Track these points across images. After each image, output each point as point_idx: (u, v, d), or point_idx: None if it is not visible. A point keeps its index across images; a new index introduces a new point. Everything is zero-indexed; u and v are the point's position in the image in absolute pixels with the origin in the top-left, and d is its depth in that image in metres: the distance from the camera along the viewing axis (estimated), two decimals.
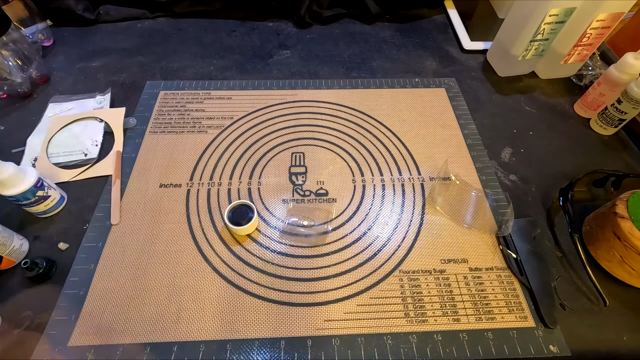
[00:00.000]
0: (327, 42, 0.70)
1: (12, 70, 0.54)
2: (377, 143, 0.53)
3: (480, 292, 0.40)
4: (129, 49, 0.66)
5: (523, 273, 0.40)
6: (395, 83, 0.61)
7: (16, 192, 0.39)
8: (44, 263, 0.38)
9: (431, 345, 0.36)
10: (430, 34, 0.72)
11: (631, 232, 0.37)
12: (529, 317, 0.38)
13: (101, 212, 0.44)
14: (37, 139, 0.51)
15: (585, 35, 0.55)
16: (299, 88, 0.60)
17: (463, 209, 0.46)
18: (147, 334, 0.36)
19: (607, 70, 0.53)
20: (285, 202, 0.46)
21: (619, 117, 0.52)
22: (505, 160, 0.52)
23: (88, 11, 0.68)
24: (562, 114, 0.59)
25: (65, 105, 0.56)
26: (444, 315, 0.38)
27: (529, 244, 0.42)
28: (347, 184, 0.48)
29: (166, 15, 0.73)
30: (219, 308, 0.38)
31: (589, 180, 0.49)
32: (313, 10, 0.71)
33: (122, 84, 0.60)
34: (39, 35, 0.64)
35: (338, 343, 0.36)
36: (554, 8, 0.51)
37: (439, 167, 0.50)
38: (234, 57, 0.65)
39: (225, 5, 0.72)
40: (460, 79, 0.63)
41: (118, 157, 0.49)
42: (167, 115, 0.55)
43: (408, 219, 0.45)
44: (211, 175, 0.48)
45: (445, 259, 0.42)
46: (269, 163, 0.50)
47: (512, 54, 0.59)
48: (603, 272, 0.41)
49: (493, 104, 0.59)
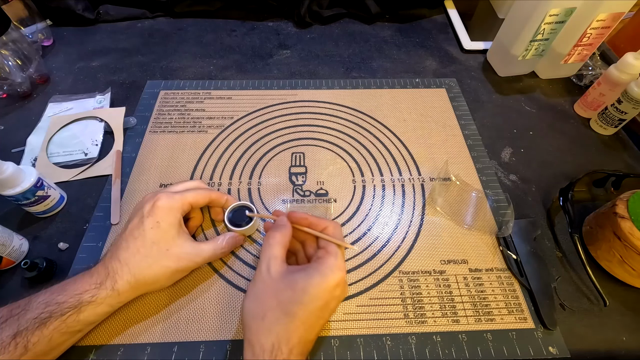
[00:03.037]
0: (327, 42, 0.70)
1: (12, 70, 0.54)
2: (377, 143, 0.53)
3: (480, 293, 0.40)
4: (129, 49, 0.66)
5: (523, 274, 0.40)
6: (396, 83, 0.61)
7: (16, 191, 0.39)
8: (44, 263, 0.38)
9: (430, 346, 0.36)
10: (430, 34, 0.72)
11: (631, 232, 0.37)
12: (529, 319, 0.38)
13: (101, 212, 0.44)
14: (36, 139, 0.51)
15: (585, 35, 0.55)
16: (299, 88, 0.60)
17: (463, 210, 0.46)
18: (147, 334, 0.36)
19: (607, 70, 0.52)
20: (285, 202, 0.46)
21: (619, 117, 0.52)
22: (506, 160, 0.52)
23: (88, 11, 0.68)
24: (562, 114, 0.59)
25: (65, 105, 0.56)
26: (443, 316, 0.38)
27: (529, 245, 0.42)
28: (347, 184, 0.48)
29: (166, 15, 0.73)
30: (219, 308, 0.38)
31: (589, 180, 0.49)
32: (313, 10, 0.71)
33: (122, 83, 0.60)
34: (39, 35, 0.64)
35: (337, 344, 0.36)
36: (554, 8, 0.51)
37: (439, 167, 0.50)
38: (234, 57, 0.65)
39: (225, 5, 0.72)
40: (460, 79, 0.63)
41: (118, 157, 0.49)
42: (167, 115, 0.55)
43: (408, 220, 0.45)
44: (211, 175, 0.48)
45: (445, 259, 0.42)
46: (269, 163, 0.50)
47: (512, 54, 0.59)
48: (603, 272, 0.41)
49: (493, 104, 0.59)
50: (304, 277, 0.30)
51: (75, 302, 0.31)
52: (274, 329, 0.29)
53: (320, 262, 0.31)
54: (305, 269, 0.31)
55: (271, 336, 0.29)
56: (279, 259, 0.32)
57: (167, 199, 0.36)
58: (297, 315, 0.29)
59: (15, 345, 0.29)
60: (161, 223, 0.35)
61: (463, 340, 0.37)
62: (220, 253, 0.39)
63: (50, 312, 0.30)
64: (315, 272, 0.30)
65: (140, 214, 0.35)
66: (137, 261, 0.34)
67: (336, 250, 0.32)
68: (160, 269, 0.34)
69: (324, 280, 0.30)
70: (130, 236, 0.35)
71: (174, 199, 0.37)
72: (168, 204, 0.36)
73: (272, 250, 0.32)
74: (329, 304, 0.30)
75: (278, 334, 0.29)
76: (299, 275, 0.30)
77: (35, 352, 0.29)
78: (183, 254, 0.36)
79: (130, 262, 0.33)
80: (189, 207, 0.38)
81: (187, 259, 0.36)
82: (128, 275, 0.33)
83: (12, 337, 0.29)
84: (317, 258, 0.32)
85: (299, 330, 0.29)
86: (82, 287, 0.32)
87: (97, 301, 0.32)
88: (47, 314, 0.30)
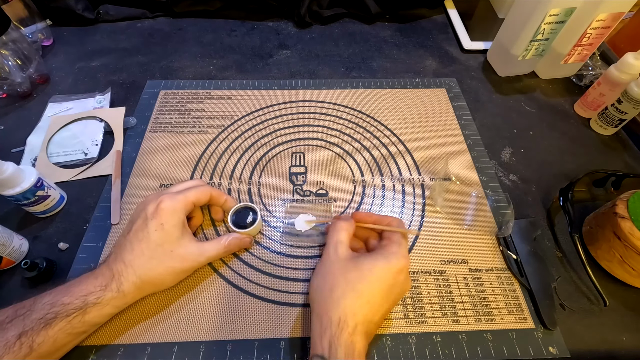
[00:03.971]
0: (327, 42, 0.70)
1: (12, 69, 0.54)
2: (377, 143, 0.53)
3: (480, 293, 0.40)
4: (128, 49, 0.66)
5: (523, 274, 0.40)
6: (396, 83, 0.61)
7: (16, 191, 0.39)
8: (44, 263, 0.38)
9: (430, 346, 0.36)
10: (430, 34, 0.72)
11: (631, 232, 0.37)
12: (529, 319, 0.38)
13: (101, 212, 0.44)
14: (36, 139, 0.51)
15: (585, 35, 0.55)
16: (299, 88, 0.60)
17: (463, 210, 0.46)
18: (147, 334, 0.36)
19: (607, 70, 0.52)
20: (285, 202, 0.46)
21: (619, 117, 0.52)
22: (506, 160, 0.52)
23: (88, 11, 0.68)
24: (562, 114, 0.59)
25: (65, 104, 0.56)
26: (443, 316, 0.38)
27: (529, 245, 0.42)
28: (347, 184, 0.48)
29: (166, 15, 0.73)
30: (219, 309, 0.38)
31: (589, 180, 0.49)
32: (313, 10, 0.71)
33: (122, 83, 0.60)
34: (39, 35, 0.64)
35: None
36: (554, 8, 0.51)
37: (439, 167, 0.50)
38: (234, 57, 0.65)
39: (225, 5, 0.72)
40: (461, 78, 0.63)
41: (118, 157, 0.49)
42: (167, 115, 0.55)
43: (408, 220, 0.45)
44: (211, 175, 0.48)
45: (445, 259, 0.42)
46: (269, 163, 0.50)
47: (512, 54, 0.59)
48: (603, 272, 0.41)
49: (493, 104, 0.59)
50: (370, 259, 0.33)
51: (80, 304, 0.31)
52: (342, 303, 0.31)
53: (385, 249, 0.34)
54: (371, 254, 0.34)
55: (339, 309, 0.30)
56: (345, 244, 0.35)
57: (171, 200, 0.36)
58: (364, 293, 0.31)
59: (20, 345, 0.29)
60: (165, 225, 0.35)
61: (463, 340, 0.37)
62: (224, 252, 0.39)
63: (56, 313, 0.30)
64: (380, 256, 0.33)
65: (144, 215, 0.36)
66: (142, 263, 0.34)
67: (400, 239, 0.34)
68: (165, 270, 0.35)
69: (388, 264, 0.32)
70: (134, 238, 0.35)
71: (177, 199, 0.37)
72: (172, 206, 0.36)
73: (339, 234, 0.35)
74: (393, 287, 0.32)
75: (345, 308, 0.30)
76: (365, 258, 0.33)
77: (40, 353, 0.30)
78: (187, 255, 0.36)
79: (135, 263, 0.34)
80: (191, 207, 0.38)
81: (192, 259, 0.36)
82: (133, 277, 0.33)
83: (17, 337, 0.29)
84: (381, 246, 0.35)
85: (364, 307, 0.31)
86: (87, 288, 0.32)
87: (103, 303, 0.32)
88: (52, 314, 0.30)
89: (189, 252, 0.36)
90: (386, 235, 0.36)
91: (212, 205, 0.43)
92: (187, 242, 0.36)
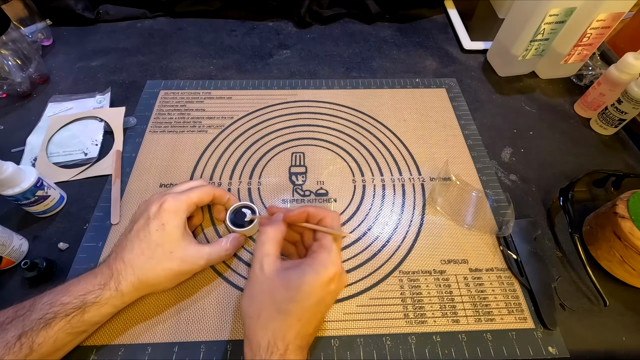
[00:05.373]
0: (327, 42, 0.70)
1: (12, 69, 0.54)
2: (377, 143, 0.53)
3: (480, 293, 0.40)
4: (128, 49, 0.66)
5: (523, 274, 0.40)
6: (396, 83, 0.61)
7: (16, 191, 0.39)
8: (44, 263, 0.38)
9: (430, 346, 0.36)
10: (430, 34, 0.72)
11: (631, 232, 0.37)
12: (529, 319, 0.38)
13: (101, 212, 0.44)
14: (36, 139, 0.51)
15: (585, 35, 0.55)
16: (299, 88, 0.60)
17: (463, 210, 0.46)
18: (148, 334, 0.36)
19: (607, 70, 0.52)
20: (285, 202, 0.46)
21: (619, 117, 0.52)
22: (506, 160, 0.52)
23: (88, 10, 0.68)
24: (562, 114, 0.59)
25: (64, 104, 0.56)
26: (443, 316, 0.38)
27: (530, 245, 0.42)
28: (347, 184, 0.48)
29: (166, 15, 0.73)
30: (220, 309, 0.38)
31: (589, 180, 0.49)
32: (313, 10, 0.71)
33: (122, 83, 0.60)
34: (39, 35, 0.64)
35: (337, 344, 0.36)
36: (554, 8, 0.51)
37: (440, 167, 0.50)
38: (233, 57, 0.65)
39: (225, 5, 0.72)
40: (461, 78, 0.63)
41: (118, 157, 0.49)
42: (167, 115, 0.55)
43: (408, 220, 0.45)
44: (211, 175, 0.48)
45: (445, 259, 0.42)
46: (269, 163, 0.50)
47: (512, 54, 0.59)
48: (603, 272, 0.41)
49: (493, 104, 0.59)
50: (298, 274, 0.30)
51: (79, 303, 0.31)
52: (269, 327, 0.29)
53: (314, 258, 0.31)
54: (299, 265, 0.31)
55: (267, 334, 0.29)
56: (272, 256, 0.32)
57: (174, 201, 0.36)
58: (292, 313, 0.29)
59: (21, 345, 0.29)
60: (166, 225, 0.35)
61: (463, 340, 0.37)
62: (225, 255, 0.39)
63: (55, 312, 0.30)
64: (309, 268, 0.30)
65: (147, 215, 0.35)
66: (141, 263, 0.34)
67: (330, 243, 0.32)
68: (163, 271, 0.35)
69: (317, 277, 0.30)
70: (135, 237, 0.35)
71: (180, 200, 0.37)
72: (174, 206, 0.36)
73: (264, 247, 0.32)
74: (324, 299, 0.30)
75: (274, 331, 0.29)
76: (292, 273, 0.30)
77: (40, 353, 0.30)
78: (187, 257, 0.36)
79: (134, 263, 0.34)
80: (194, 207, 0.38)
81: (191, 261, 0.36)
82: (132, 277, 0.33)
83: (17, 338, 0.29)
84: (311, 252, 0.32)
85: (294, 327, 0.29)
86: (86, 287, 0.32)
87: (101, 302, 0.32)
88: (51, 314, 0.30)
89: (188, 254, 0.36)
90: (318, 236, 0.33)
91: (214, 205, 0.43)
92: (187, 244, 0.36)
